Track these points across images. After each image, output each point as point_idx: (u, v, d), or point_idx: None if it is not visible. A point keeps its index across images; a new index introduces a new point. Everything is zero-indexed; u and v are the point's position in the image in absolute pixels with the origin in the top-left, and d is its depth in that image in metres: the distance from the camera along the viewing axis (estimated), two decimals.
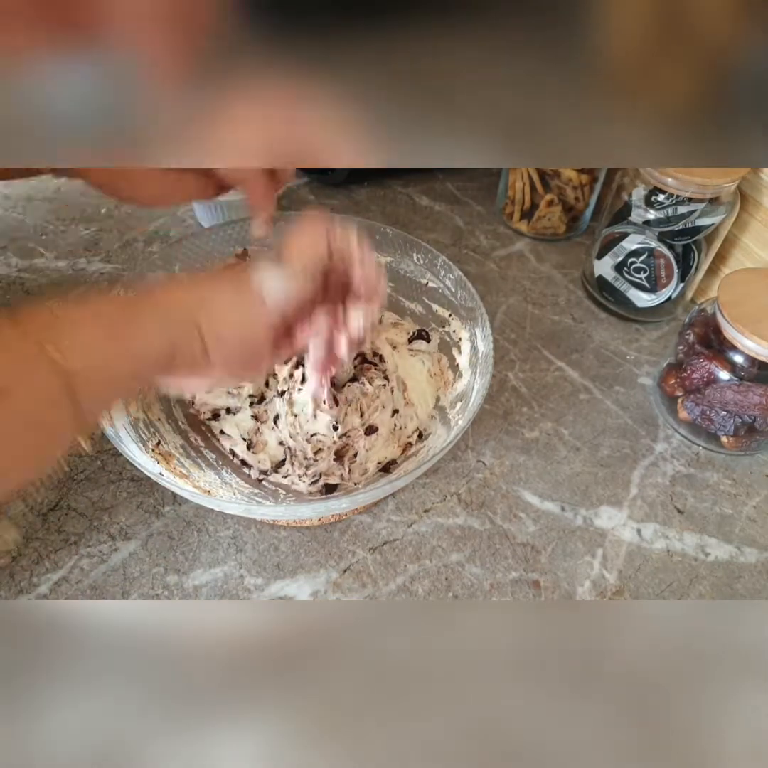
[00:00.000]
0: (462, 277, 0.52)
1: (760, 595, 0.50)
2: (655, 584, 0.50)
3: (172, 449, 0.48)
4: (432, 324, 0.56)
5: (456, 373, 0.54)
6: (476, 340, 0.51)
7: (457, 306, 0.54)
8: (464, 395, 0.50)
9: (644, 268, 0.64)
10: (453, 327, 0.55)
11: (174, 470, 0.46)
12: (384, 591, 0.48)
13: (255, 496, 0.49)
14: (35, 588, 0.46)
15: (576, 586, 0.49)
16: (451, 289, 0.53)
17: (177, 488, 0.41)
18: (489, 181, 0.82)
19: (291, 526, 0.50)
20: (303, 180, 0.81)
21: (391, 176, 0.83)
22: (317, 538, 0.50)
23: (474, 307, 0.51)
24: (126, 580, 0.47)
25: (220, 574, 0.48)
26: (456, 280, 0.53)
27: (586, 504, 0.54)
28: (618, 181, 0.64)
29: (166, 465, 0.45)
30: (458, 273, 0.52)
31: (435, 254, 0.53)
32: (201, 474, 0.48)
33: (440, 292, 0.55)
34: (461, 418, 0.47)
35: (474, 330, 0.51)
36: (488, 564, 0.50)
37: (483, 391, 0.46)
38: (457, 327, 0.54)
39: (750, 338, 0.50)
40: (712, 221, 0.60)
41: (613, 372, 0.64)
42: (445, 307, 0.55)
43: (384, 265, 0.56)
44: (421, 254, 0.54)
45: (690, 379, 0.55)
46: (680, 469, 0.57)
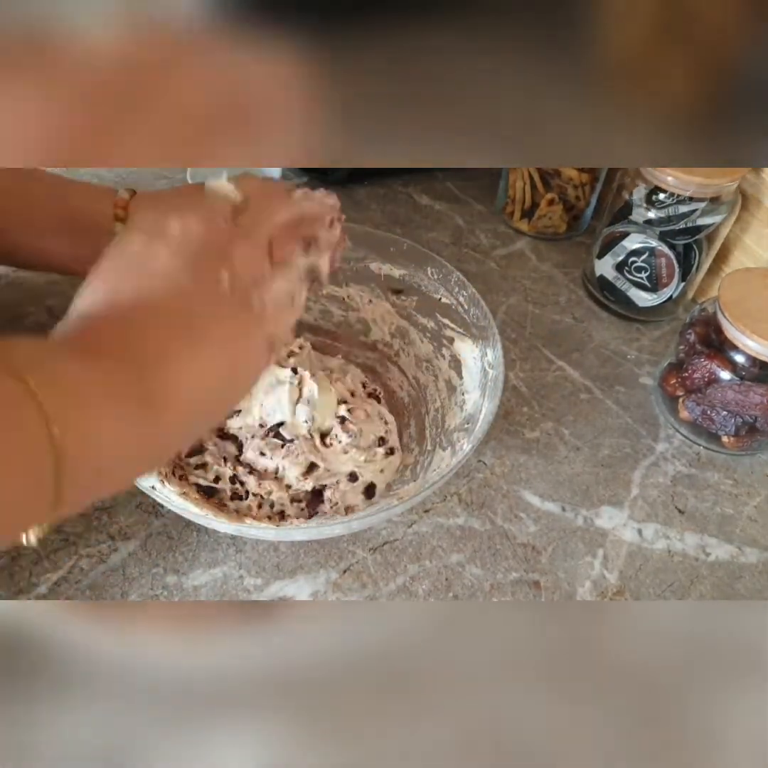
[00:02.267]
0: (475, 294, 0.51)
1: (761, 595, 0.50)
2: (655, 584, 0.50)
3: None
4: (444, 341, 0.55)
5: (453, 393, 0.53)
6: (486, 361, 0.50)
7: (469, 324, 0.52)
8: (471, 418, 0.49)
9: (645, 267, 0.64)
10: (457, 347, 0.54)
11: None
12: (384, 591, 0.48)
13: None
14: (35, 588, 0.46)
15: (576, 586, 0.49)
16: (464, 306, 0.52)
17: (167, 503, 0.41)
18: (489, 180, 0.82)
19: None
20: (303, 180, 0.81)
21: (391, 175, 0.82)
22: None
23: (486, 326, 0.50)
24: (125, 580, 0.47)
25: (219, 574, 0.47)
26: (469, 297, 0.52)
27: (586, 504, 0.54)
28: (619, 180, 0.64)
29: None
30: (472, 290, 0.51)
31: (449, 269, 0.53)
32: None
33: (453, 309, 0.54)
34: (466, 442, 0.46)
35: (485, 350, 0.50)
36: (489, 564, 0.50)
37: (490, 416, 0.45)
38: (462, 347, 0.53)
39: (751, 338, 0.50)
40: (713, 220, 0.60)
41: (613, 372, 0.64)
42: (457, 324, 0.54)
43: (398, 278, 0.56)
44: (436, 269, 0.54)
45: (691, 379, 0.55)
46: (681, 469, 0.57)
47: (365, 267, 0.56)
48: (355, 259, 0.56)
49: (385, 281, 0.56)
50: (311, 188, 0.40)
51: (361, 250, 0.55)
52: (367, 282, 0.57)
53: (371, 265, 0.56)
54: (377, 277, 0.56)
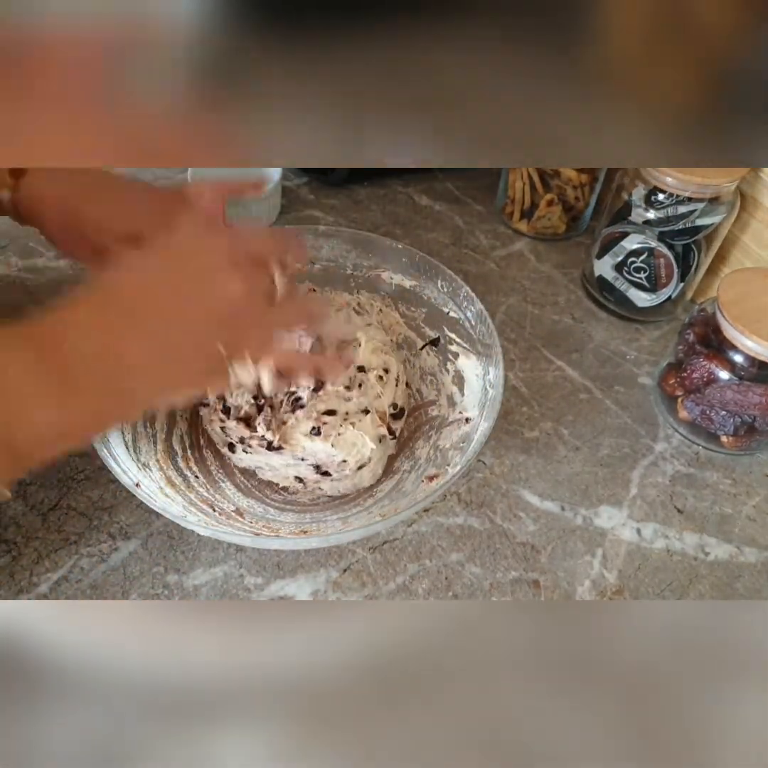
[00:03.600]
0: (483, 312, 0.51)
1: (760, 594, 0.50)
2: (655, 584, 0.50)
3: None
4: (449, 356, 0.55)
5: (453, 409, 0.53)
6: (488, 379, 0.50)
7: (475, 340, 0.52)
8: (467, 437, 0.49)
9: (644, 267, 0.64)
10: (461, 364, 0.54)
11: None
12: (384, 590, 0.48)
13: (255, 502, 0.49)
14: (35, 587, 0.46)
15: (576, 585, 0.49)
16: (471, 321, 0.52)
17: (151, 503, 0.41)
18: (489, 180, 0.82)
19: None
20: (303, 180, 0.81)
21: (391, 176, 0.82)
22: None
23: (491, 344, 0.50)
24: (126, 579, 0.47)
25: (220, 573, 0.48)
26: (477, 313, 0.52)
27: (585, 503, 0.54)
28: (618, 181, 0.64)
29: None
30: (479, 306, 0.51)
31: (459, 284, 0.53)
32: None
33: (460, 323, 0.54)
34: (459, 463, 0.46)
35: (488, 368, 0.50)
36: (488, 564, 0.50)
37: (483, 438, 0.45)
38: (466, 364, 0.53)
39: (750, 338, 0.50)
40: (712, 221, 0.60)
41: (613, 372, 0.64)
42: (463, 339, 0.54)
43: (409, 288, 0.56)
44: (446, 282, 0.54)
45: (690, 379, 0.55)
46: (680, 468, 0.57)
47: (377, 276, 0.56)
48: (367, 267, 0.56)
49: (396, 291, 0.57)
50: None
51: (373, 258, 0.56)
52: (379, 291, 0.57)
53: (383, 274, 0.56)
54: (388, 286, 0.57)
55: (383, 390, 0.51)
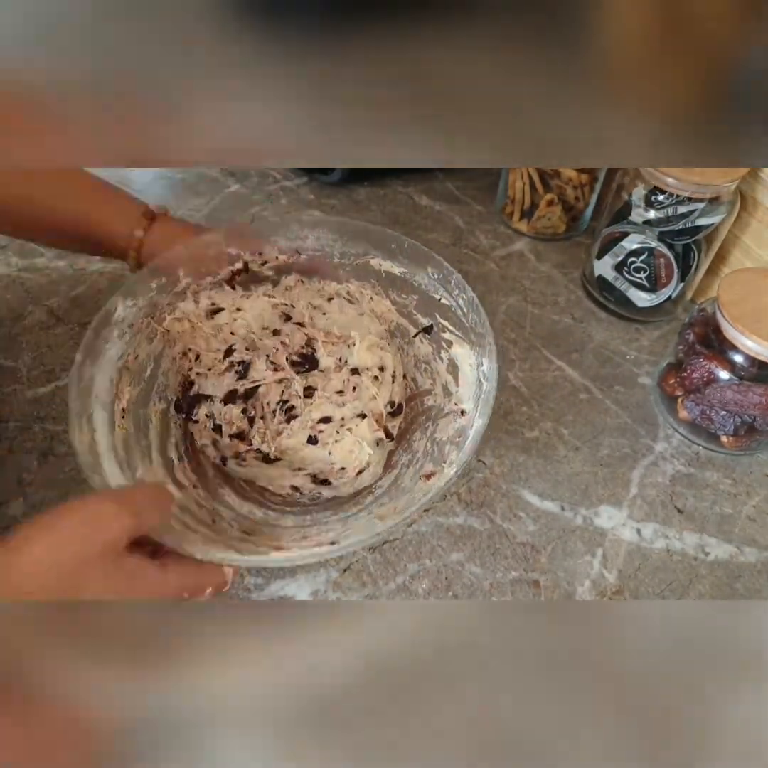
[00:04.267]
0: (474, 299, 0.50)
1: (760, 594, 0.50)
2: (654, 584, 0.50)
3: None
4: (443, 343, 0.54)
5: (449, 399, 0.52)
6: (482, 371, 0.48)
7: (467, 328, 0.51)
8: (462, 432, 0.47)
9: (644, 267, 0.64)
10: (455, 352, 0.53)
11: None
12: (384, 590, 0.48)
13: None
14: None
15: (576, 585, 0.49)
16: (463, 309, 0.51)
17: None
18: (489, 180, 0.82)
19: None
20: (303, 180, 0.81)
21: (391, 176, 0.83)
22: None
23: (483, 333, 0.48)
24: None
25: None
26: (468, 300, 0.50)
27: (585, 503, 0.54)
28: (618, 181, 0.64)
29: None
30: (471, 294, 0.50)
31: (449, 270, 0.52)
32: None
33: (452, 311, 0.53)
34: (455, 461, 0.44)
35: (481, 359, 0.48)
36: (488, 563, 0.50)
37: (477, 437, 0.43)
38: (460, 353, 0.52)
39: (750, 338, 0.50)
40: (712, 221, 0.60)
41: (613, 372, 0.64)
42: (456, 327, 0.53)
43: (399, 275, 0.55)
44: (436, 269, 0.53)
45: (690, 379, 0.55)
46: (680, 468, 0.57)
47: (366, 263, 0.56)
48: (355, 255, 0.56)
49: (386, 278, 0.56)
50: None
51: (361, 245, 0.55)
52: (368, 278, 0.57)
53: (372, 261, 0.56)
54: (378, 273, 0.56)
55: (378, 391, 0.51)
